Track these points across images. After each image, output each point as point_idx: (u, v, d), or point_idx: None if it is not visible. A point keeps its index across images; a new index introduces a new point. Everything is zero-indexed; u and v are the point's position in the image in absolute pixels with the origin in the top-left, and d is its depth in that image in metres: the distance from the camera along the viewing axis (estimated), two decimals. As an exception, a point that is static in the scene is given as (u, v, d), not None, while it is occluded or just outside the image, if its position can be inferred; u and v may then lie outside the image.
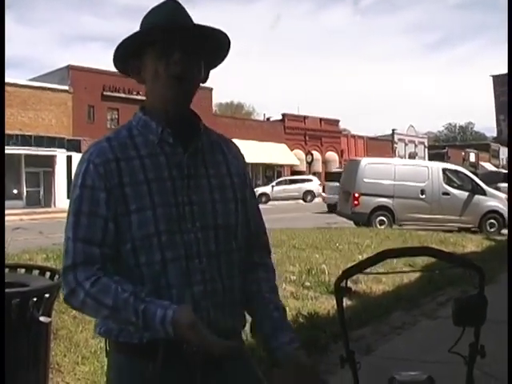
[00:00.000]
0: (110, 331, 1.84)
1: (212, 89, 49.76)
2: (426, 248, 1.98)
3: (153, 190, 1.79)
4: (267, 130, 56.60)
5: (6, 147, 29.93)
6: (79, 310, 1.88)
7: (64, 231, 1.82)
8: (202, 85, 1.98)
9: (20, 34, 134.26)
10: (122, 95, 42.27)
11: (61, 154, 39.71)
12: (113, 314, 1.73)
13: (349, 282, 1.91)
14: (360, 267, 1.91)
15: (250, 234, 2.03)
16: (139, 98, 43.03)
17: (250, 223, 2.04)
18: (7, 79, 38.08)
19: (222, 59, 2.02)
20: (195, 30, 1.86)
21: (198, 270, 1.82)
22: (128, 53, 1.88)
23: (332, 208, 26.81)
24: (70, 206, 1.83)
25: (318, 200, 45.92)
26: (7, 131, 36.66)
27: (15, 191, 39.03)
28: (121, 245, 1.79)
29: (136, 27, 1.89)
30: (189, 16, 1.90)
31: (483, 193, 19.16)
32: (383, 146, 69.46)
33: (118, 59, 1.91)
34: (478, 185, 19.40)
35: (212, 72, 2.03)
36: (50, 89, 40.17)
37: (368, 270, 1.90)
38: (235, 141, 2.18)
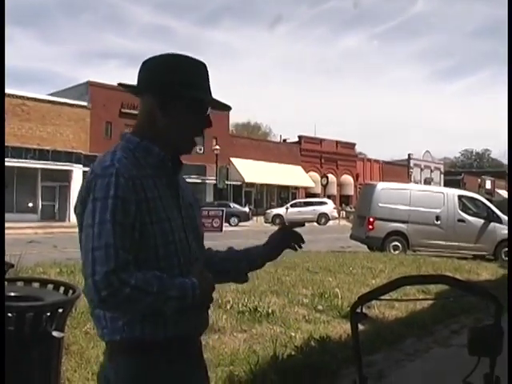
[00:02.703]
0: (131, 331, 2.03)
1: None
2: (442, 276, 1.98)
3: (164, 205, 2.08)
4: (283, 152, 56.70)
5: (23, 161, 30.22)
6: (117, 309, 1.99)
7: (97, 237, 1.92)
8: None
9: (42, 50, 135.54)
10: (140, 113, 42.36)
11: (77, 169, 39.88)
12: (158, 296, 1.93)
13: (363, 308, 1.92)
14: (376, 293, 1.91)
15: None
16: (157, 116, 43.28)
17: None
18: (27, 93, 38.49)
19: None
20: (222, 107, 2.26)
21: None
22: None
23: None
24: (102, 214, 1.93)
25: (331, 223, 45.86)
26: (25, 145, 37.02)
27: (31, 204, 39.30)
28: (144, 251, 2.01)
29: (156, 46, 2.07)
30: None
31: (499, 220, 18.98)
32: (399, 170, 69.38)
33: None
34: (493, 212, 19.26)
35: (230, 91, 2.27)
36: (68, 104, 40.53)
37: (383, 296, 1.90)
38: (251, 162, 2.44)
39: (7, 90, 35.64)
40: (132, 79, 2.28)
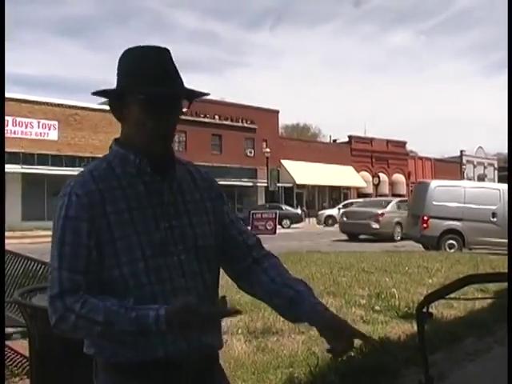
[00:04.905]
0: (102, 352, 1.90)
1: (278, 111, 49.53)
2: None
3: (135, 218, 1.88)
4: (334, 152, 56.45)
5: (77, 169, 30.71)
6: (71, 334, 1.86)
7: (50, 261, 1.87)
8: (268, 107, 1.99)
9: (91, 59, 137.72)
10: (190, 118, 42.70)
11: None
12: (106, 328, 1.77)
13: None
14: (442, 293, 1.89)
15: (238, 243, 2.13)
16: (206, 120, 43.63)
17: (232, 234, 2.13)
18: (79, 103, 39.25)
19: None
20: (189, 95, 1.98)
21: (184, 289, 1.91)
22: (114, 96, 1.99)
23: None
24: (53, 237, 1.88)
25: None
26: (78, 153, 37.72)
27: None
28: (107, 271, 1.85)
29: (203, 51, 1.94)
30: (177, 70, 1.98)
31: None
32: (451, 167, 68.43)
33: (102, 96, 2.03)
34: (552, 207, 18.82)
35: (278, 93, 2.07)
36: (120, 112, 41.07)
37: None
38: (302, 163, 2.21)
39: (60, 101, 36.55)
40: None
